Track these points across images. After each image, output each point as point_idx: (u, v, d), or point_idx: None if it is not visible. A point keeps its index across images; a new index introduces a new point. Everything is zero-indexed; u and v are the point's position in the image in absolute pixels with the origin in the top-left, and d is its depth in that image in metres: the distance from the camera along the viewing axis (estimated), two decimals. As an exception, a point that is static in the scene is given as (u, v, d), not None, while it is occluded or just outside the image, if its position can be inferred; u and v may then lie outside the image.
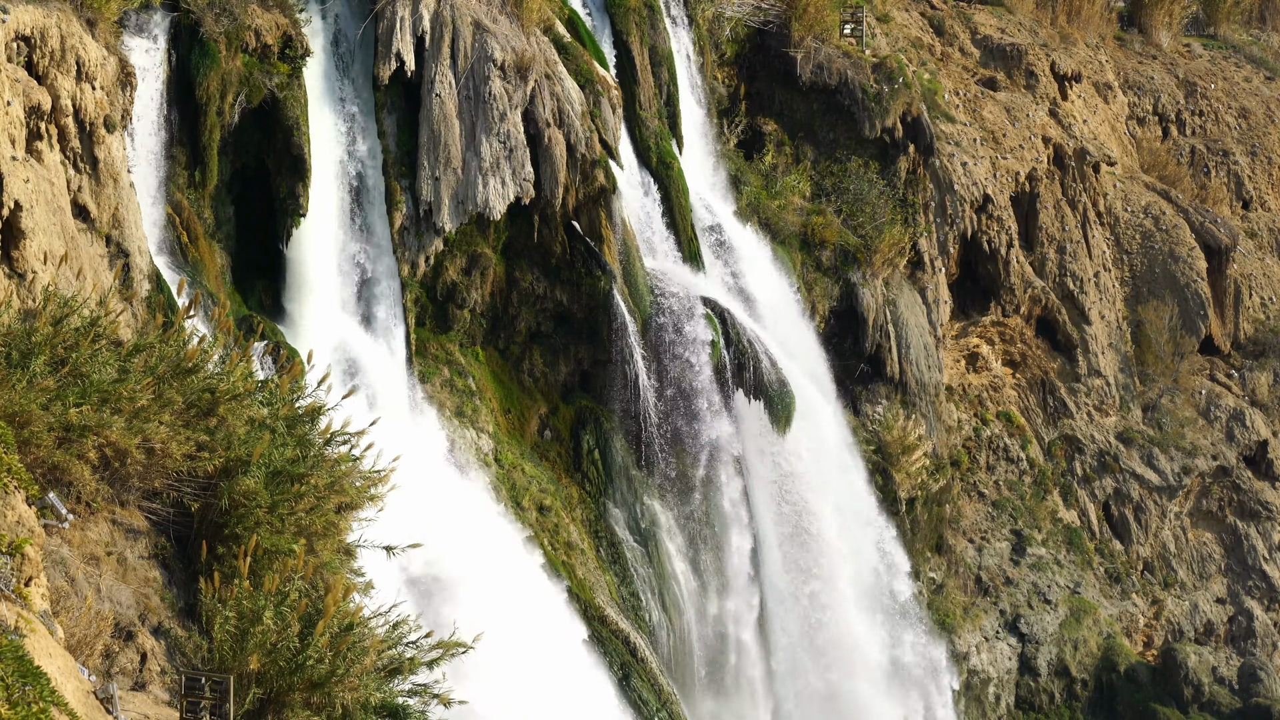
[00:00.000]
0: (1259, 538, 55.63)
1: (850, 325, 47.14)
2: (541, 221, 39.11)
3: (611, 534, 39.73)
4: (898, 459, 46.99)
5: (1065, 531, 52.81)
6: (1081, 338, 54.53)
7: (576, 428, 40.27)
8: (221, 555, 19.71)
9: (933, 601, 48.45)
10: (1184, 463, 54.91)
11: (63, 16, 28.54)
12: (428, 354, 38.09)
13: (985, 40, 57.84)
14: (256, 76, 34.38)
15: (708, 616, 41.10)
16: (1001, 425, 53.13)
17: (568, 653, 35.63)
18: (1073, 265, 54.58)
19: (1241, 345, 58.86)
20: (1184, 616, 53.82)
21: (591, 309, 39.76)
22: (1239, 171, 62.87)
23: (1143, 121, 62.47)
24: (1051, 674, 50.24)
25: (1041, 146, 54.22)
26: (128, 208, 30.05)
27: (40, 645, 14.81)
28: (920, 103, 49.12)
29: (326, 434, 21.85)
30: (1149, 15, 65.31)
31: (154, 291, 30.52)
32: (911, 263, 49.41)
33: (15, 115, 26.55)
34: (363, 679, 18.38)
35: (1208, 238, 58.03)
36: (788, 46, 48.34)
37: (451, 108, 37.30)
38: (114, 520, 19.85)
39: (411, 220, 37.29)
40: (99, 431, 19.08)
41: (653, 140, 42.86)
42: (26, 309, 22.25)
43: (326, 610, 18.35)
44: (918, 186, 49.49)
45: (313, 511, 20.42)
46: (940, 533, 49.71)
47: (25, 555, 15.55)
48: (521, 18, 38.65)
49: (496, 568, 34.58)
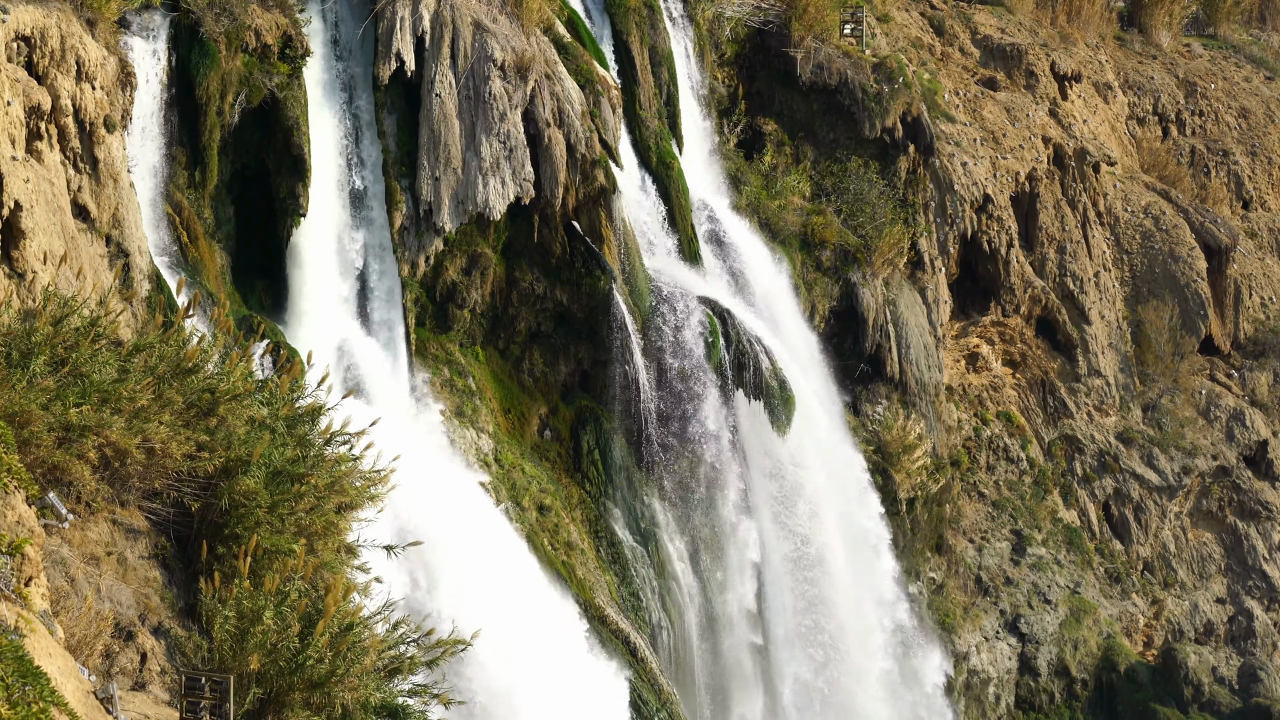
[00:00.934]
0: (1259, 538, 55.64)
1: (850, 325, 47.14)
2: (541, 221, 39.11)
3: (611, 534, 39.72)
4: (898, 459, 46.99)
5: (1065, 531, 52.81)
6: (1081, 338, 54.53)
7: (576, 428, 40.27)
8: (221, 555, 19.71)
9: (933, 601, 48.45)
10: (1184, 463, 54.91)
11: (63, 16, 28.54)
12: (428, 354, 38.09)
13: (985, 40, 57.85)
14: (256, 76, 34.38)
15: (708, 616, 41.10)
16: (1001, 425, 53.13)
17: (568, 649, 35.62)
18: (1073, 265, 54.58)
19: (1241, 345, 58.86)
20: (1184, 616, 53.82)
21: (591, 309, 39.76)
22: (1239, 171, 62.87)
23: (1143, 121, 62.48)
24: (1051, 674, 50.24)
25: (1041, 146, 54.22)
26: (128, 208, 30.06)
27: (40, 645, 14.81)
28: (920, 103, 49.13)
29: (326, 434, 21.85)
30: (1149, 15, 65.31)
31: (154, 291, 30.52)
32: (911, 263, 49.41)
33: (15, 115, 26.55)
34: (363, 679, 18.38)
35: (1208, 238, 58.03)
36: (788, 46, 48.35)
37: (451, 108, 37.30)
38: (114, 520, 19.85)
39: (411, 220, 37.29)
40: (99, 431, 19.08)
41: (653, 140, 42.86)
42: (26, 309, 22.24)
43: (326, 610, 18.35)
44: (918, 186, 49.49)
45: (313, 511, 20.41)
46: (940, 533, 49.71)
47: (25, 555, 15.55)
48: (521, 18, 38.65)
49: (496, 567, 34.57)
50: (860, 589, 44.45)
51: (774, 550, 42.49)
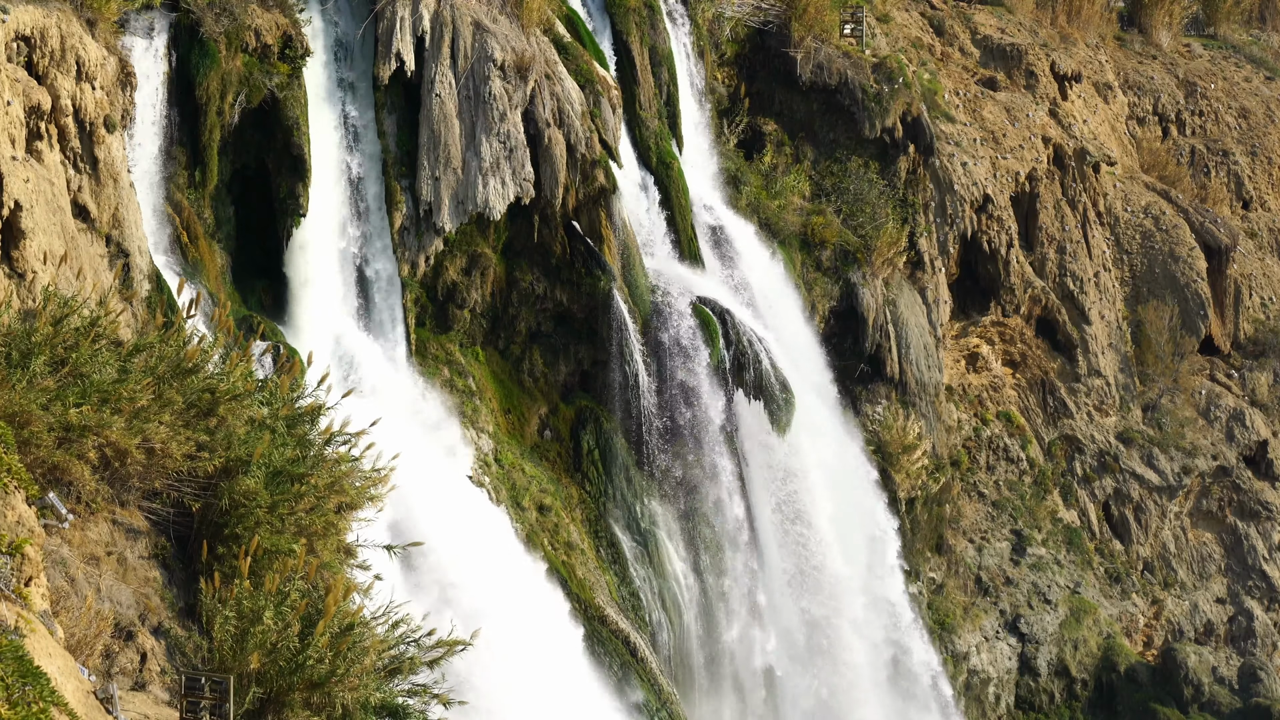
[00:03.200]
0: (1259, 538, 55.63)
1: (850, 325, 47.14)
2: (541, 221, 39.11)
3: (611, 534, 39.73)
4: (897, 459, 46.99)
5: (1065, 531, 52.80)
6: (1081, 338, 54.53)
7: (576, 428, 40.27)
8: (222, 555, 19.72)
9: (933, 602, 48.45)
10: (1184, 463, 54.91)
11: (63, 16, 28.54)
12: (428, 354, 38.09)
13: (985, 40, 57.84)
14: (256, 76, 34.38)
15: (708, 616, 41.09)
16: (1001, 425, 53.12)
17: (567, 649, 35.63)
18: (1073, 265, 54.58)
19: (1241, 345, 58.85)
20: (1184, 616, 53.82)
21: (591, 309, 39.76)
22: (1239, 171, 62.87)
23: (1143, 121, 62.47)
24: (1051, 674, 50.23)
25: (1041, 146, 54.22)
26: (128, 208, 30.06)
27: (40, 645, 14.82)
28: (920, 103, 49.13)
29: (326, 434, 21.86)
30: (1149, 15, 65.30)
31: (154, 291, 30.53)
32: (911, 263, 49.40)
33: (15, 115, 26.56)
34: (363, 679, 18.39)
35: (1208, 238, 58.03)
36: (788, 46, 48.35)
37: (451, 108, 37.30)
38: (114, 520, 19.86)
39: (411, 220, 37.29)
40: (99, 431, 19.09)
41: (653, 140, 42.86)
42: (26, 309, 22.27)
43: (327, 610, 18.36)
44: (918, 186, 49.49)
45: (313, 511, 20.43)
46: (940, 533, 49.71)
47: (25, 555, 15.55)
48: (521, 18, 38.65)
49: (495, 566, 34.59)
50: (861, 589, 44.45)
51: (774, 550, 42.49)
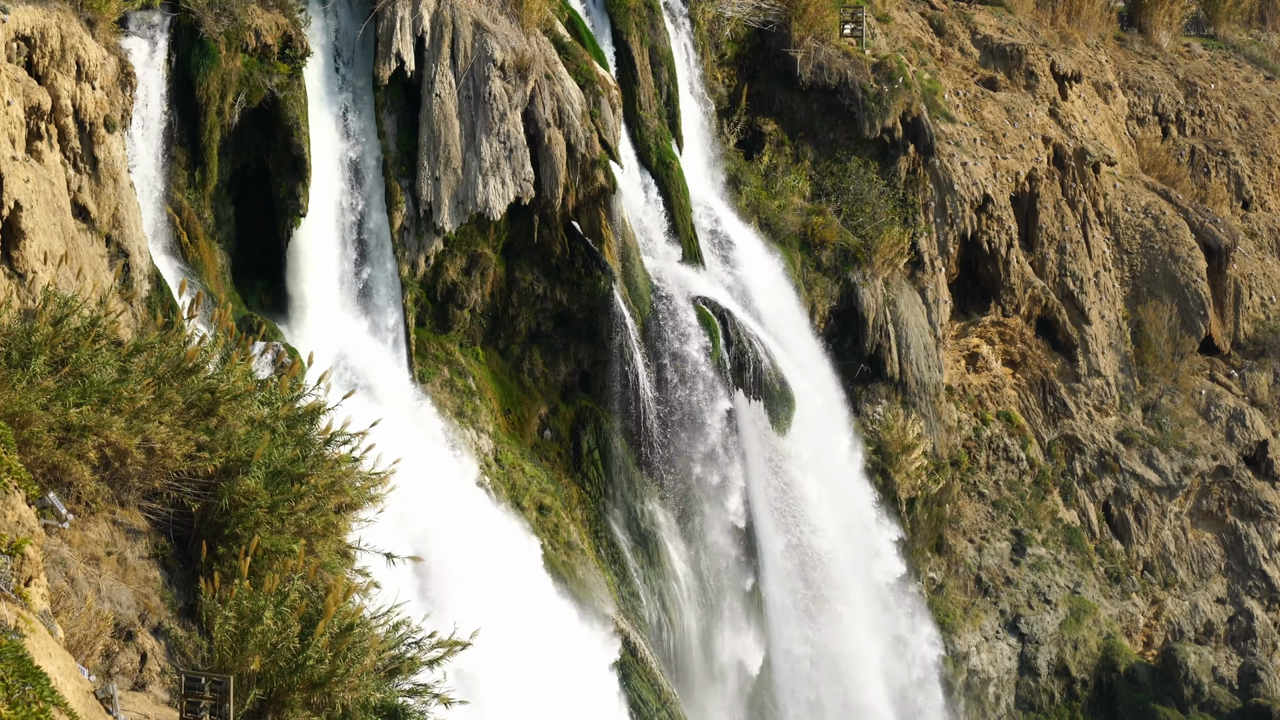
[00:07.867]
0: (1259, 538, 55.63)
1: (850, 325, 47.14)
2: (541, 221, 39.12)
3: (611, 534, 39.73)
4: (897, 459, 46.99)
5: (1065, 531, 52.80)
6: (1081, 338, 54.53)
7: (576, 428, 40.27)
8: (222, 555, 19.72)
9: (933, 601, 48.45)
10: (1184, 463, 54.91)
11: (63, 16, 28.55)
12: (428, 354, 38.10)
13: (985, 40, 57.84)
14: (256, 76, 34.38)
15: (708, 616, 41.10)
16: (1001, 425, 53.12)
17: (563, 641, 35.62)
18: (1073, 265, 54.58)
19: (1241, 345, 58.85)
20: (1184, 616, 53.82)
21: (591, 309, 39.77)
22: (1239, 171, 62.87)
23: (1143, 121, 62.47)
24: (1051, 674, 50.23)
25: (1041, 146, 54.22)
26: (128, 208, 30.07)
27: (40, 645, 14.81)
28: (920, 103, 49.13)
29: (327, 434, 21.86)
30: (1149, 15, 65.30)
31: (154, 291, 30.54)
32: (911, 263, 49.41)
33: (15, 115, 26.56)
34: (363, 679, 18.39)
35: (1208, 238, 58.03)
36: (788, 46, 48.34)
37: (451, 108, 37.30)
38: (114, 520, 19.85)
39: (411, 220, 37.29)
40: (99, 431, 19.09)
41: (653, 140, 42.87)
42: (26, 309, 22.27)
43: (326, 610, 18.35)
44: (918, 186, 49.49)
45: (313, 512, 20.43)
46: (940, 533, 49.71)
47: (25, 555, 15.55)
48: (521, 18, 38.65)
49: (495, 566, 34.58)
50: (861, 589, 44.46)
51: (774, 550, 42.49)
